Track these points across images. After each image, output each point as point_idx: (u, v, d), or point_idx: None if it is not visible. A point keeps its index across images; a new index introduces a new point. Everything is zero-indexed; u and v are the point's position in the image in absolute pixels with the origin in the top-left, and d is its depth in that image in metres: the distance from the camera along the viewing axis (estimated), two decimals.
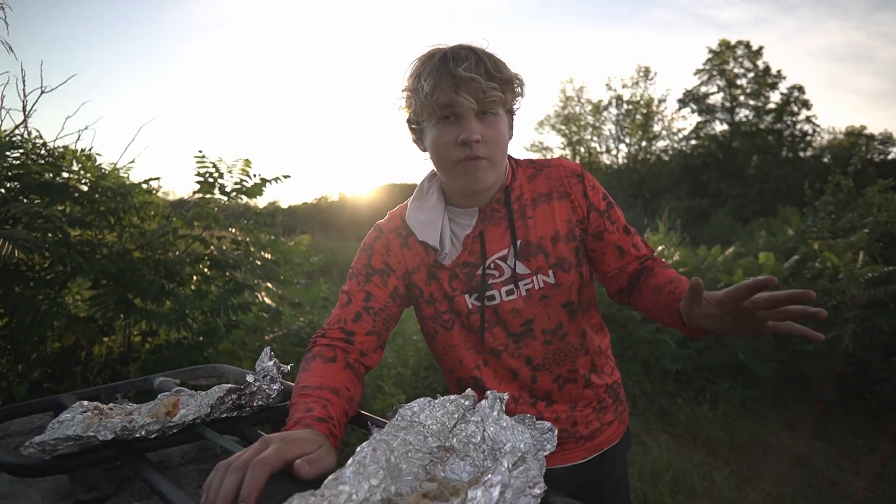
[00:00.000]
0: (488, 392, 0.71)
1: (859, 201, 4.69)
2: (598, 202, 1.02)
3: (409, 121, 1.00)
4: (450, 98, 0.88)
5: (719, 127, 25.73)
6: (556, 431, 0.67)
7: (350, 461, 0.56)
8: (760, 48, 24.87)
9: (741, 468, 2.81)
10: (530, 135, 29.51)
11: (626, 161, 27.63)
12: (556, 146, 28.65)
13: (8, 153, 2.01)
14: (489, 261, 0.99)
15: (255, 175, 2.59)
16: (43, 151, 2.17)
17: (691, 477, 2.63)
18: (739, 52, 25.16)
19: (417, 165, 1.05)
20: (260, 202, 2.81)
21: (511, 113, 0.99)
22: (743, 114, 25.38)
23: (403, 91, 0.96)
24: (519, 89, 0.95)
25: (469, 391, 0.72)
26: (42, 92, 2.26)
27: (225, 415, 0.80)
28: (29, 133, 2.20)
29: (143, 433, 0.72)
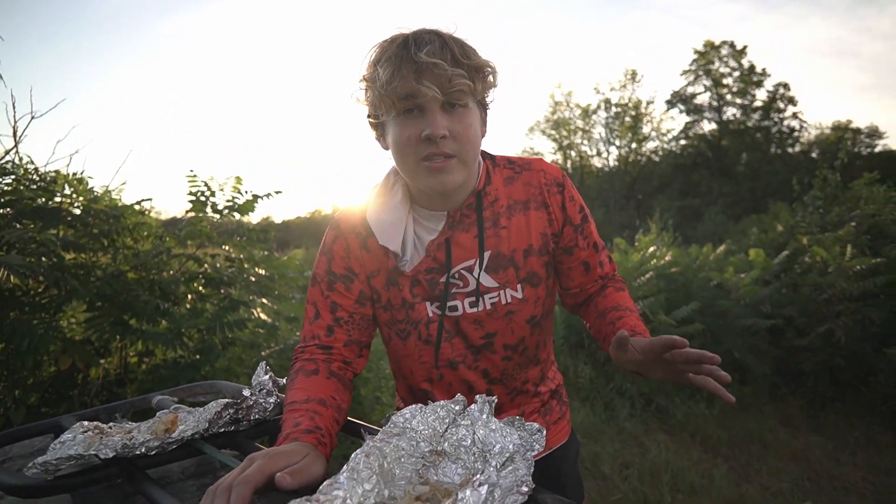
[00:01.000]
0: (478, 396, 0.73)
1: (847, 195, 4.76)
2: (574, 216, 0.98)
3: (368, 115, 0.90)
4: (411, 87, 0.79)
5: (708, 126, 26.05)
6: (544, 432, 0.69)
7: (344, 468, 0.58)
8: (744, 47, 25.23)
9: (739, 465, 2.83)
10: (521, 140, 29.74)
11: (617, 163, 27.85)
12: (547, 151, 28.87)
13: (0, 180, 2.03)
14: (454, 270, 0.93)
15: (246, 192, 2.61)
16: (35, 177, 2.18)
17: (690, 475, 2.64)
18: (724, 51, 25.49)
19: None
20: (253, 218, 2.83)
21: (484, 106, 0.90)
22: (730, 112, 25.70)
23: (361, 81, 0.87)
24: (491, 78, 0.86)
25: (459, 396, 0.74)
26: (32, 117, 2.28)
27: (223, 429, 0.82)
28: (20, 159, 2.22)
29: (143, 450, 0.73)
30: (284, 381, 0.91)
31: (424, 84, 0.79)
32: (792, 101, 24.93)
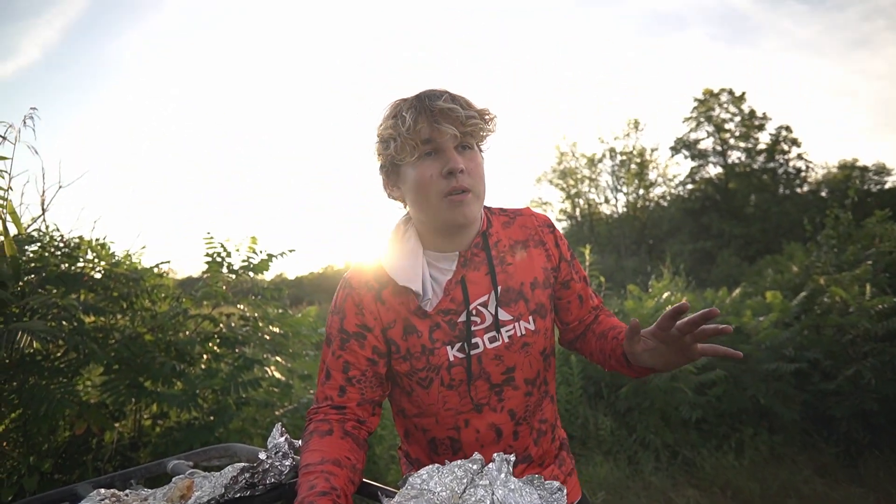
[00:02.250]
0: (495, 455, 0.72)
1: (860, 233, 4.72)
2: (566, 252, 1.08)
3: (382, 166, 1.00)
4: (431, 130, 0.91)
5: (713, 170, 26.26)
6: (564, 491, 0.68)
7: None
8: (743, 93, 25.80)
9: None
10: (529, 190, 30.19)
11: (625, 210, 28.01)
12: (555, 200, 29.22)
13: (27, 247, 2.10)
14: (472, 306, 0.98)
15: (261, 251, 2.67)
16: (60, 243, 2.26)
17: None
18: (723, 98, 26.07)
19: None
20: (267, 276, 2.87)
21: (481, 151, 1.00)
22: (735, 156, 25.96)
23: (378, 135, 0.97)
24: (491, 124, 0.97)
25: (476, 455, 0.74)
26: (60, 187, 2.39)
27: (238, 494, 0.81)
28: (47, 227, 2.31)
29: None
30: (300, 442, 0.91)
31: (443, 125, 0.90)
32: (795, 142, 25.20)
